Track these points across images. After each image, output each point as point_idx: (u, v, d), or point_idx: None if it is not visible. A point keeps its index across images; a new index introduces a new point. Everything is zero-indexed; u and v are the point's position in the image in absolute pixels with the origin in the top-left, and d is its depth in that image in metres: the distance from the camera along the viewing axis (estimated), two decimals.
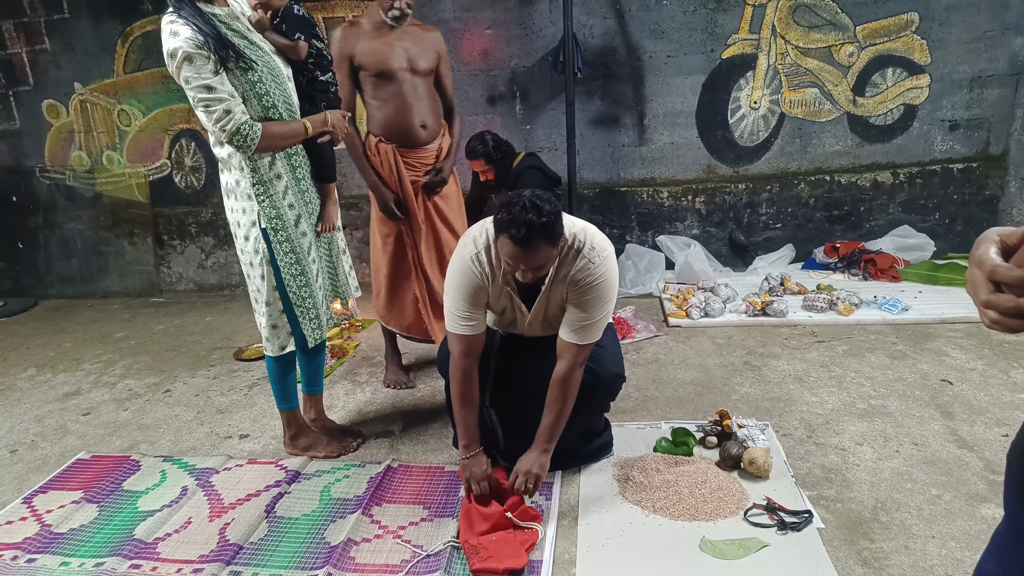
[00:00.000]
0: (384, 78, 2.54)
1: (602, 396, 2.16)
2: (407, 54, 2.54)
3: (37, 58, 4.43)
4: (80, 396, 3.12)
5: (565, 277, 1.89)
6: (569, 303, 1.92)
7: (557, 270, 1.89)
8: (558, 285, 1.92)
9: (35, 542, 2.02)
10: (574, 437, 2.15)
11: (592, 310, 1.89)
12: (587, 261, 1.86)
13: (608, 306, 1.93)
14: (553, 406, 1.95)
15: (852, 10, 3.89)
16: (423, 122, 2.60)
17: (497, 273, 1.91)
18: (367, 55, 2.51)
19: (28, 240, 4.82)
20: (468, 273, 1.90)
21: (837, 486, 2.03)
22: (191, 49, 1.82)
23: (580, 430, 2.16)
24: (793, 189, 4.21)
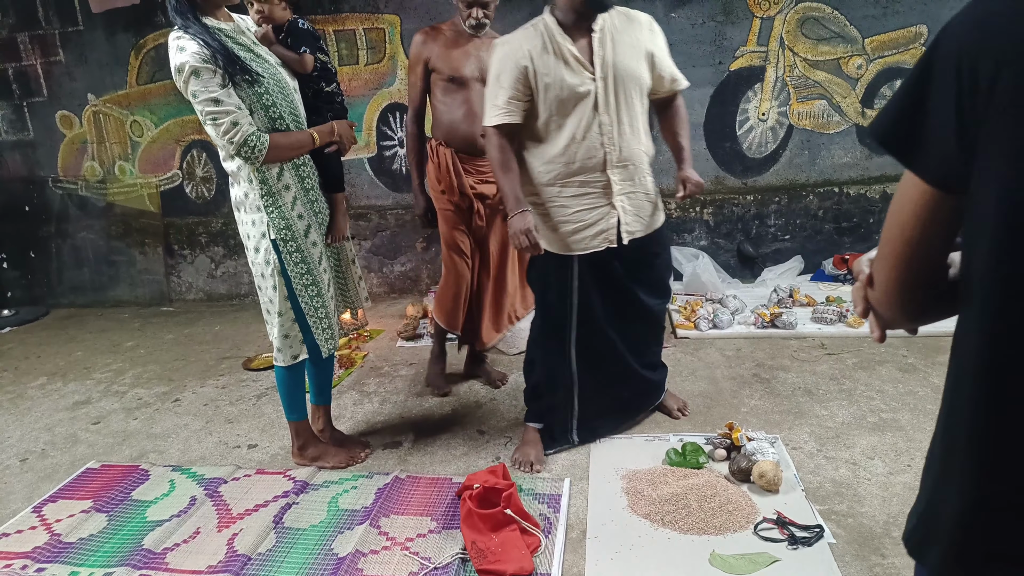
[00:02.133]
0: (454, 83, 2.60)
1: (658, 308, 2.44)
2: (480, 63, 2.57)
3: (51, 70, 4.49)
4: (90, 405, 3.13)
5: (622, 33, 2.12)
6: (655, 58, 2.17)
7: (612, 32, 2.11)
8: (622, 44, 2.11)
9: (44, 551, 2.02)
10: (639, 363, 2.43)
11: (664, 43, 2.20)
12: (630, 11, 2.18)
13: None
14: (681, 127, 2.29)
15: (860, 23, 3.89)
16: (484, 131, 2.55)
17: (548, 39, 2.09)
18: (441, 59, 2.59)
19: (40, 249, 4.86)
20: (512, 56, 2.09)
21: (848, 500, 2.02)
22: (198, 63, 1.85)
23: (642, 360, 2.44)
24: (802, 201, 4.20)
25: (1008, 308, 0.60)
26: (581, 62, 2.08)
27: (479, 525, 1.90)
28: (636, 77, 2.12)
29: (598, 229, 2.19)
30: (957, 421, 0.68)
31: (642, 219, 2.25)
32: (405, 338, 3.64)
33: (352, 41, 4.20)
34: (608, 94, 2.09)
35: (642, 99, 2.18)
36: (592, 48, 2.08)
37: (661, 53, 2.20)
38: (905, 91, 0.66)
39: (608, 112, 2.10)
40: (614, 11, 2.12)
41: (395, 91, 4.26)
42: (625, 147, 2.15)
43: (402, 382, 3.12)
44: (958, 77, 0.59)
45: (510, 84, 2.08)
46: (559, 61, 2.07)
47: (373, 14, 4.14)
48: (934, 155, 0.63)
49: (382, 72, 4.24)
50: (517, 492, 1.98)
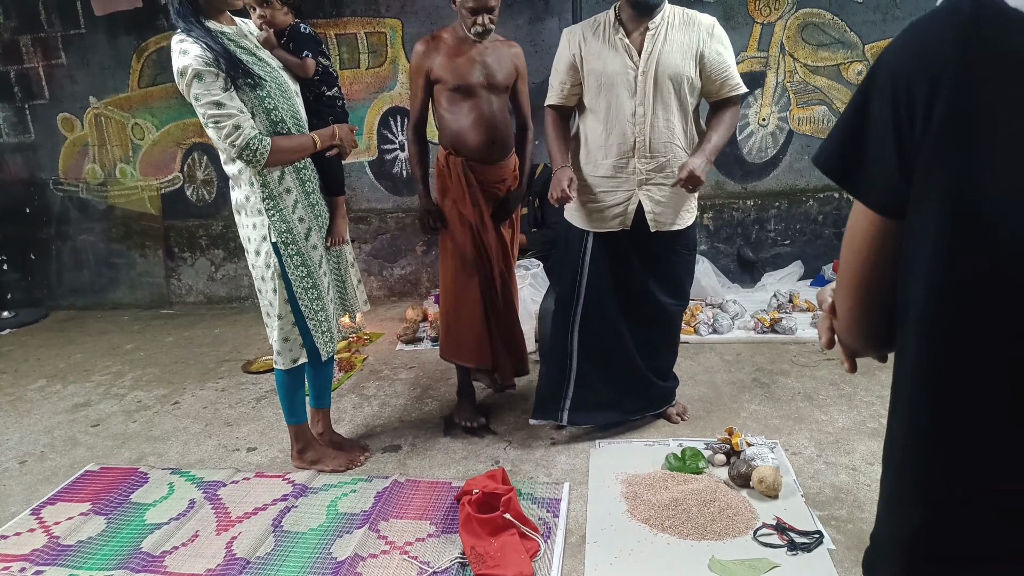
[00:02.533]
0: (460, 92, 2.45)
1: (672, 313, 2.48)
2: (486, 69, 2.45)
3: (53, 72, 4.50)
4: (89, 407, 3.13)
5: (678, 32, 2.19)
6: (705, 59, 2.20)
7: (668, 30, 2.19)
8: (673, 42, 2.18)
9: (43, 554, 2.02)
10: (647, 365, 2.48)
11: (724, 49, 2.21)
12: (694, 14, 2.23)
13: (732, 52, 2.25)
14: (718, 127, 2.25)
15: (861, 29, 3.90)
16: (496, 137, 2.49)
17: (604, 31, 2.24)
18: (445, 69, 2.44)
19: (40, 251, 4.87)
20: (567, 43, 2.30)
21: (848, 506, 2.02)
22: (200, 67, 1.86)
23: (652, 363, 2.48)
24: (802, 206, 4.21)
25: (942, 315, 0.61)
26: (628, 52, 2.21)
27: (478, 530, 1.89)
28: (679, 74, 2.19)
29: (616, 212, 2.32)
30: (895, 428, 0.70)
31: (670, 211, 2.31)
32: (405, 341, 3.64)
33: (353, 45, 4.22)
34: (647, 86, 2.20)
35: (685, 96, 2.22)
36: (643, 42, 2.20)
37: (715, 56, 2.20)
38: (845, 120, 0.67)
39: (644, 103, 2.21)
40: (678, 11, 2.22)
41: (396, 95, 4.27)
42: (656, 138, 2.24)
43: (402, 385, 3.12)
44: (895, 103, 0.60)
45: (563, 69, 2.32)
46: (607, 47, 2.24)
47: (374, 18, 4.15)
48: (877, 182, 0.64)
49: (383, 76, 4.25)
50: (516, 496, 1.98)
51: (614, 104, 2.23)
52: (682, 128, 2.25)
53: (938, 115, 0.57)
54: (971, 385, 0.61)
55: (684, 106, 2.24)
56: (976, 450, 0.61)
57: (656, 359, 2.51)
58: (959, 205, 0.57)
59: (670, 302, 2.43)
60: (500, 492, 1.95)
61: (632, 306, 2.41)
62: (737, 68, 2.28)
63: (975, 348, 0.60)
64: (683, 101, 2.23)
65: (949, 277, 0.60)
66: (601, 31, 2.26)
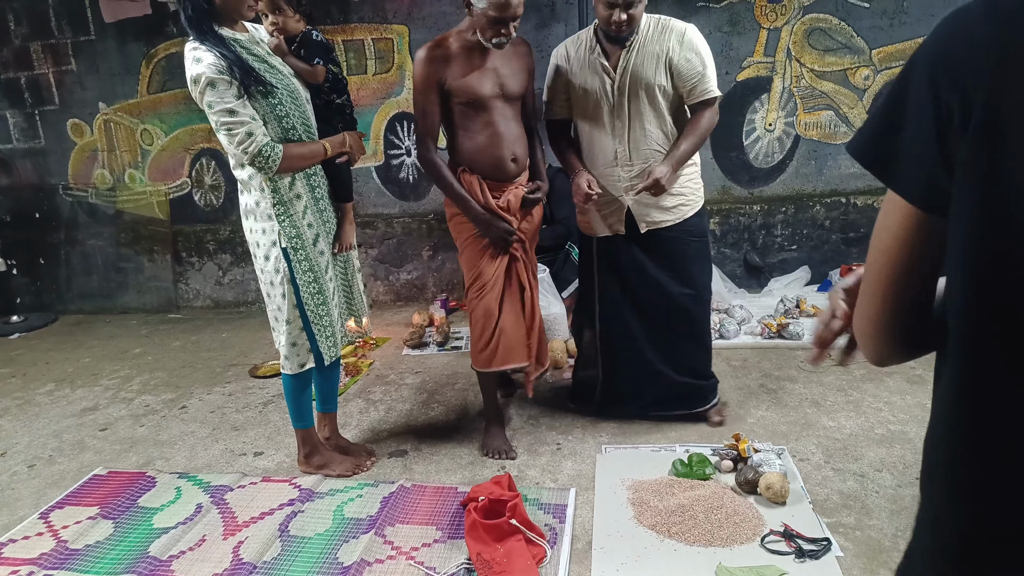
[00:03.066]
0: (473, 106, 2.27)
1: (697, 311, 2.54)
2: (498, 78, 2.27)
3: (63, 78, 4.53)
4: (98, 411, 3.15)
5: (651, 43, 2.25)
6: (674, 66, 2.25)
7: (642, 43, 2.26)
8: (645, 54, 2.25)
9: (51, 558, 2.03)
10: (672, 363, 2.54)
11: (695, 55, 2.24)
12: (669, 22, 2.27)
13: (708, 57, 2.27)
14: (689, 132, 2.32)
15: (867, 34, 3.90)
16: (514, 154, 2.34)
17: (583, 50, 2.33)
18: (458, 82, 2.24)
19: (49, 256, 4.90)
20: (555, 60, 2.42)
21: (856, 513, 2.00)
22: (214, 75, 1.87)
23: (677, 361, 2.54)
24: (808, 211, 4.19)
25: (979, 346, 0.59)
26: (605, 68, 2.29)
27: (484, 536, 1.89)
28: (650, 84, 2.27)
29: (609, 218, 2.46)
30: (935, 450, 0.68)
31: (658, 210, 2.40)
32: (411, 346, 3.64)
33: (361, 51, 4.24)
34: (622, 99, 2.30)
35: (659, 104, 2.30)
36: (619, 58, 2.28)
37: (684, 63, 2.25)
38: (883, 109, 0.65)
39: (621, 116, 2.32)
40: (653, 21, 2.29)
41: (403, 100, 4.28)
42: (635, 148, 2.35)
43: (408, 390, 3.12)
44: (934, 94, 0.59)
45: (550, 85, 2.44)
46: (585, 66, 2.34)
47: (382, 24, 4.17)
48: (916, 174, 0.62)
49: (390, 82, 4.27)
50: (522, 502, 1.98)
51: (595, 118, 2.37)
52: (662, 133, 2.35)
53: (977, 111, 0.55)
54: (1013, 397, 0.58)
55: (660, 113, 2.33)
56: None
57: (681, 356, 2.55)
58: (995, 203, 0.55)
59: (683, 292, 2.48)
60: (506, 498, 1.95)
61: (646, 304, 2.51)
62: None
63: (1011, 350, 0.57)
64: (658, 109, 2.32)
65: (983, 279, 0.57)
66: (582, 49, 2.36)
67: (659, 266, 2.47)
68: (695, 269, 2.51)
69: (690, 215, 2.45)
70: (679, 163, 2.32)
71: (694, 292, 2.51)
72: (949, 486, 0.66)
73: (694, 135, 2.33)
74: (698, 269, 2.52)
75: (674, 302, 2.49)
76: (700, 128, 2.33)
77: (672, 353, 2.55)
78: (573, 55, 2.37)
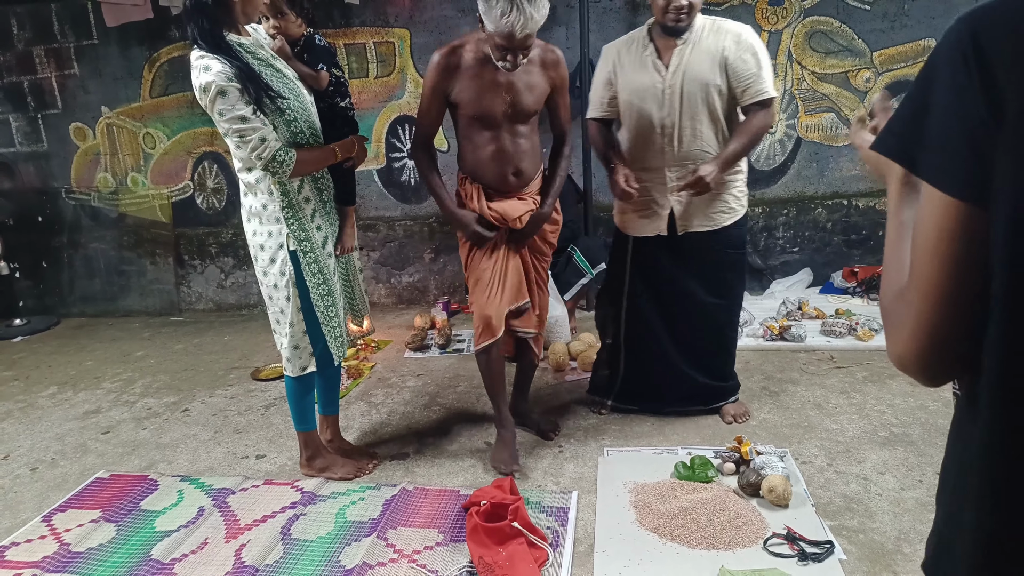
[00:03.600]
0: (480, 122, 2.23)
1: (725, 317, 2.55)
2: (512, 95, 2.18)
3: (66, 82, 4.55)
4: (100, 414, 3.15)
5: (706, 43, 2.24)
6: (729, 65, 2.22)
7: (696, 42, 2.25)
8: (700, 52, 2.24)
9: (53, 561, 2.03)
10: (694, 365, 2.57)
11: (751, 56, 2.21)
12: (724, 23, 2.26)
13: (764, 58, 2.24)
14: (740, 134, 2.28)
15: (868, 36, 3.90)
16: (516, 169, 2.29)
17: (636, 48, 2.32)
18: (466, 95, 2.19)
19: (52, 259, 4.91)
20: (605, 57, 2.40)
21: (859, 516, 2.00)
22: (224, 83, 1.87)
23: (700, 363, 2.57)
24: (810, 213, 4.19)
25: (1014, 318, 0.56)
26: (656, 67, 2.28)
27: (486, 540, 1.89)
28: (704, 83, 2.24)
29: (649, 219, 2.45)
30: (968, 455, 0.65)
31: (702, 215, 2.38)
32: (413, 349, 3.64)
33: (362, 54, 4.25)
34: (673, 98, 2.27)
35: (714, 104, 2.27)
36: (672, 56, 2.26)
37: (740, 63, 2.23)
38: (910, 104, 0.63)
39: (671, 114, 2.28)
40: (708, 22, 2.27)
41: (404, 104, 4.29)
42: (684, 149, 2.32)
43: (410, 393, 3.12)
44: (963, 92, 0.57)
45: (600, 84, 2.43)
46: (638, 63, 2.32)
47: (383, 28, 4.18)
48: (952, 162, 0.58)
49: (392, 85, 4.28)
50: (524, 505, 1.98)
51: (644, 116, 2.33)
52: (713, 135, 2.32)
53: (1012, 97, 0.54)
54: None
55: (714, 114, 2.29)
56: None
57: (704, 359, 2.57)
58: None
59: (713, 301, 2.48)
60: (508, 502, 1.95)
61: (674, 307, 2.51)
62: (771, 74, 2.29)
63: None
64: (712, 109, 2.28)
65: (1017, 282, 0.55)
66: (634, 48, 2.34)
67: (693, 273, 2.46)
68: (729, 279, 2.50)
69: (731, 224, 2.42)
70: (727, 164, 2.28)
71: (726, 302, 2.51)
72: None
73: (745, 136, 2.29)
74: (732, 279, 2.51)
75: (704, 310, 2.48)
76: (751, 130, 2.29)
77: (697, 357, 2.56)
78: (624, 53, 2.35)
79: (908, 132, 0.63)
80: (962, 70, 0.57)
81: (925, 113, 0.61)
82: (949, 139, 0.58)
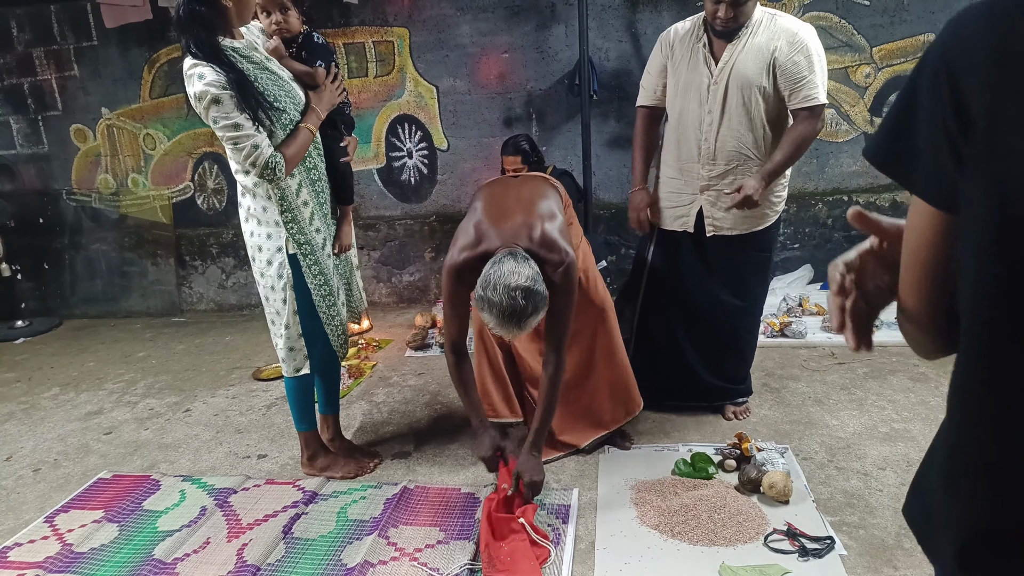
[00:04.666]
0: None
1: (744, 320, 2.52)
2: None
3: (66, 84, 4.55)
4: (102, 415, 3.16)
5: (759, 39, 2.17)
6: (778, 66, 2.15)
7: (750, 38, 2.17)
8: (751, 49, 2.17)
9: (56, 561, 2.04)
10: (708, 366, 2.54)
11: (803, 58, 2.13)
12: (783, 19, 2.17)
13: (819, 61, 2.15)
14: (784, 143, 2.22)
15: (868, 32, 3.89)
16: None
17: (690, 37, 2.26)
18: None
19: (53, 261, 4.92)
20: (661, 43, 2.36)
21: (860, 512, 2.00)
22: (217, 91, 1.87)
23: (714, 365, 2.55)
24: (811, 209, 4.19)
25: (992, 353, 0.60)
26: (707, 61, 2.23)
27: (491, 529, 1.92)
28: (749, 83, 2.17)
29: (678, 213, 2.42)
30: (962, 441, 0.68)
31: (731, 218, 2.32)
32: (414, 348, 3.65)
33: (361, 54, 4.25)
34: (717, 94, 2.22)
35: (757, 105, 2.20)
36: (724, 50, 2.21)
37: (790, 64, 2.14)
38: (895, 112, 0.66)
39: (713, 111, 2.23)
40: (767, 17, 2.19)
41: (404, 103, 4.29)
42: (721, 147, 2.26)
43: (411, 392, 3.13)
44: (940, 103, 0.59)
45: (654, 71, 2.39)
46: (689, 54, 2.28)
47: (382, 27, 4.18)
48: (929, 174, 0.62)
49: (391, 84, 4.28)
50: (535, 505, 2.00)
51: (686, 110, 2.30)
52: (752, 136, 2.24)
53: (977, 112, 0.56)
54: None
55: (756, 115, 2.21)
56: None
57: (719, 360, 2.55)
58: (1003, 204, 0.56)
59: (733, 303, 2.45)
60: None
61: (692, 305, 2.47)
62: (825, 79, 2.17)
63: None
64: (754, 110, 2.20)
65: (993, 279, 0.58)
66: (688, 38, 2.29)
67: (716, 273, 2.42)
68: (752, 282, 2.46)
69: (763, 227, 2.37)
70: (772, 177, 2.20)
71: (746, 305, 2.48)
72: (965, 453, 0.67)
73: (790, 146, 2.19)
74: (755, 282, 2.47)
75: (723, 311, 2.45)
76: (797, 139, 2.18)
77: (710, 356, 2.54)
78: (678, 40, 2.31)
79: (892, 143, 0.66)
80: (935, 86, 0.60)
81: (907, 125, 0.64)
82: (927, 151, 0.61)
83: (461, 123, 4.27)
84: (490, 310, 1.81)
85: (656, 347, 2.57)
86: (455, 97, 4.23)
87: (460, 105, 4.24)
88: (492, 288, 1.78)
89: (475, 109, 4.24)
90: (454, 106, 4.25)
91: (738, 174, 2.27)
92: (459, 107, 4.25)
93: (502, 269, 1.80)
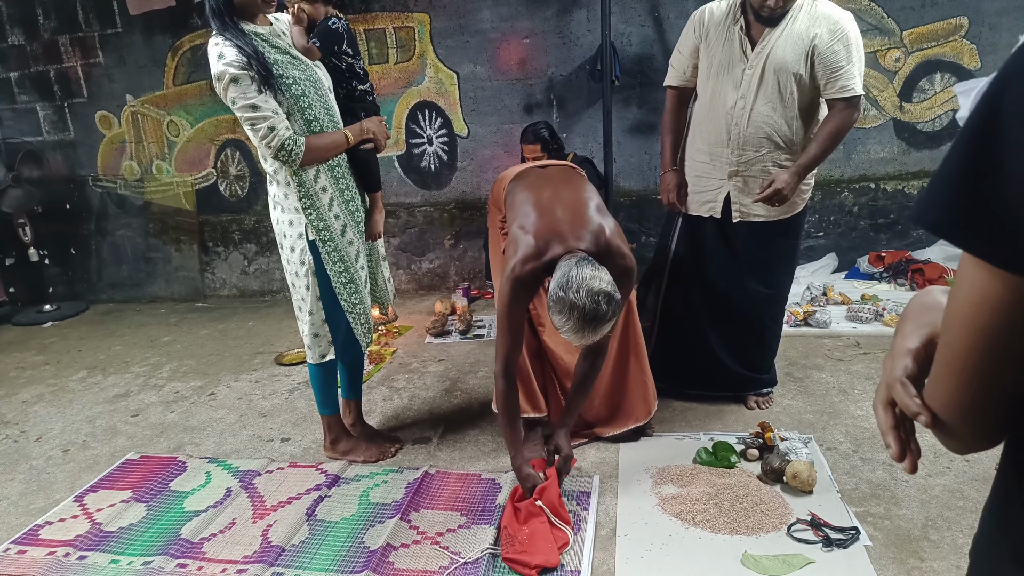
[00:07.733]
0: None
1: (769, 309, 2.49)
2: None
3: (91, 71, 4.61)
4: (129, 398, 3.21)
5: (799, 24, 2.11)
6: (817, 53, 2.09)
7: (791, 23, 2.12)
8: (790, 35, 2.11)
9: (86, 540, 2.08)
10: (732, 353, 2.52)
11: (843, 48, 2.07)
12: (825, 7, 2.11)
13: (858, 51, 2.10)
14: (819, 135, 2.18)
15: (898, 15, 3.80)
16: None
17: (727, 18, 2.20)
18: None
19: (80, 246, 5.00)
20: (694, 21, 2.30)
21: (885, 503, 1.98)
22: (236, 71, 1.89)
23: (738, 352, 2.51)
24: (836, 197, 4.12)
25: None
26: (743, 44, 2.17)
27: (513, 511, 1.95)
28: (785, 69, 2.13)
29: (707, 198, 2.38)
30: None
31: (762, 206, 2.29)
32: (434, 334, 3.66)
33: (382, 40, 4.24)
34: (752, 79, 2.17)
35: (791, 92, 2.15)
36: (761, 34, 2.16)
37: (829, 53, 2.09)
38: (963, 161, 0.52)
39: (746, 96, 2.18)
40: (808, 2, 2.14)
41: (424, 89, 4.28)
42: (751, 133, 2.21)
43: (431, 378, 3.14)
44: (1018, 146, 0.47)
45: (685, 51, 2.34)
46: (724, 36, 2.22)
47: (403, 13, 4.17)
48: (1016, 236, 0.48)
49: (411, 70, 4.27)
50: (556, 486, 2.00)
51: (718, 93, 2.25)
52: (787, 125, 2.20)
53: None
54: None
55: (789, 102, 2.17)
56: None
57: (744, 349, 2.52)
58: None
59: (759, 289, 2.42)
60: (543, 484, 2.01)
61: (717, 293, 2.44)
62: (863, 69, 2.12)
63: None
64: (789, 97, 2.16)
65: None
66: (726, 16, 2.22)
67: (742, 260, 2.39)
68: (779, 269, 2.43)
69: (792, 214, 2.33)
70: (805, 170, 2.18)
71: (772, 292, 2.45)
72: None
73: (825, 139, 2.16)
74: (782, 269, 2.44)
75: (750, 298, 2.42)
76: (832, 131, 2.15)
77: (734, 345, 2.51)
78: (712, 22, 2.24)
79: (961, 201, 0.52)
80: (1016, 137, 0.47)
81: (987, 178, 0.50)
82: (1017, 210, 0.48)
83: (481, 110, 4.26)
84: (569, 312, 1.71)
85: (680, 336, 2.54)
86: (475, 83, 4.21)
87: (480, 91, 4.22)
88: (575, 290, 1.69)
89: (495, 95, 4.21)
90: (474, 92, 4.23)
91: (766, 161, 2.24)
92: (479, 93, 4.23)
93: (583, 272, 1.72)
